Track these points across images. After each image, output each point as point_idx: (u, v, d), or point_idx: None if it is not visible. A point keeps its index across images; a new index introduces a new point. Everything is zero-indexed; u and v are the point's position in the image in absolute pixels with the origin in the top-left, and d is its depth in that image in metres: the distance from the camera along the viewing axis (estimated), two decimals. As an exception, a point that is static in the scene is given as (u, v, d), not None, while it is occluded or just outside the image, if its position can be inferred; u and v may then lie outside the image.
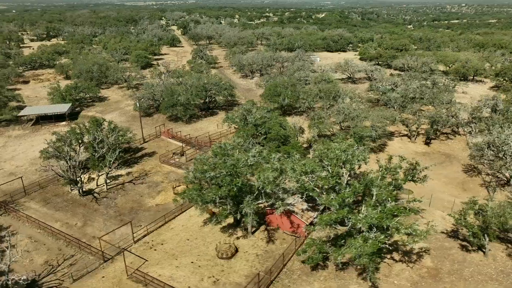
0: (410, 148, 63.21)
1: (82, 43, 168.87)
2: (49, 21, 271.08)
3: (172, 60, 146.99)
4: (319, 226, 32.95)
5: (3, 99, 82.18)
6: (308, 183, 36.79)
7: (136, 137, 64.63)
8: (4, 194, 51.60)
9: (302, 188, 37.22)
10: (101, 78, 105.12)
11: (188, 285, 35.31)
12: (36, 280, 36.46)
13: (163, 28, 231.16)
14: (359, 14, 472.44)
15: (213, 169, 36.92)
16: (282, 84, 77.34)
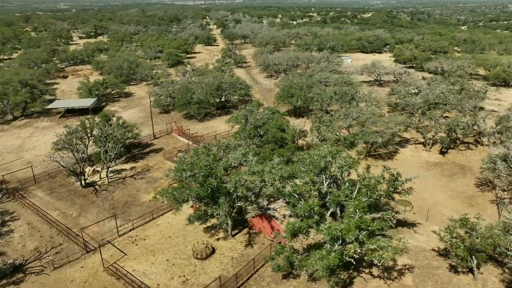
0: (422, 157, 59.42)
1: (123, 41, 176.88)
2: (99, 20, 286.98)
3: (204, 59, 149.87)
4: (284, 234, 31.83)
5: (37, 92, 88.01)
6: (283, 189, 35.70)
7: (147, 133, 66.58)
8: (17, 181, 55.34)
9: (277, 193, 36.19)
10: (130, 74, 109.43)
11: (158, 282, 35.70)
12: (22, 265, 38.63)
13: (202, 27, 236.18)
14: (409, 14, 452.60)
15: (190, 169, 36.96)
16: (297, 85, 75.87)
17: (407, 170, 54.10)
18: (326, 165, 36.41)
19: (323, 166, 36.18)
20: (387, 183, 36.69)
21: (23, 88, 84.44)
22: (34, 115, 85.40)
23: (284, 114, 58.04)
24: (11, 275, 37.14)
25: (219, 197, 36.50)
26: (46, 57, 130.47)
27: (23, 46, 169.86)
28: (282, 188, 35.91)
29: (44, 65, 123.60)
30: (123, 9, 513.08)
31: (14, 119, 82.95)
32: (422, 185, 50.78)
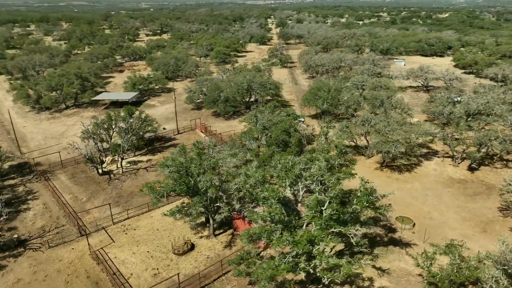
0: (446, 172, 53.92)
1: (181, 39, 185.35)
2: (168, 18, 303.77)
3: (252, 58, 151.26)
4: (244, 240, 31.08)
5: (88, 84, 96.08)
6: (260, 193, 34.85)
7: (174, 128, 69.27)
8: (48, 164, 61.15)
9: (249, 196, 35.47)
10: (176, 71, 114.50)
11: (132, 272, 37.17)
12: (26, 240, 42.70)
13: (261, 27, 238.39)
14: (494, 14, 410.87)
15: (171, 165, 37.82)
16: (325, 88, 73.35)
17: (422, 185, 49.92)
18: (301, 172, 34.77)
19: (297, 173, 34.62)
20: (361, 197, 33.90)
21: (76, 80, 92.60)
22: (83, 105, 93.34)
23: (295, 117, 56.33)
24: (14, 248, 41.28)
25: (195, 195, 36.83)
26: (108, 52, 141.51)
27: (95, 42, 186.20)
28: (257, 192, 35.06)
29: (105, 59, 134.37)
30: (195, 8, 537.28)
31: (66, 108, 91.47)
32: (433, 203, 46.34)
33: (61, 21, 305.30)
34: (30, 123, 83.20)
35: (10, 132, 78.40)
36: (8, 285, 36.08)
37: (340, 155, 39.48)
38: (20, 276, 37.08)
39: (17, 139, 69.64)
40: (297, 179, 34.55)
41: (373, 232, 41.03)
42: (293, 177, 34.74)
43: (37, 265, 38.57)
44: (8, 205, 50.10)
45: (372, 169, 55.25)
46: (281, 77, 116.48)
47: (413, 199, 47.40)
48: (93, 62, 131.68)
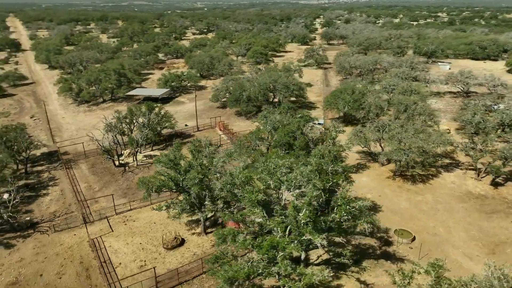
0: (464, 186, 49.81)
1: (224, 38, 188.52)
2: (216, 18, 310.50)
3: (290, 58, 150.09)
4: (217, 240, 31.02)
5: (124, 80, 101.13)
6: (235, 193, 34.70)
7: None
8: (74, 154, 65.36)
9: (231, 197, 35.32)
10: (210, 69, 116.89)
11: (121, 261, 38.66)
12: (37, 223, 46.04)
13: (306, 26, 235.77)
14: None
15: (162, 160, 38.82)
16: (348, 91, 70.95)
17: (434, 198, 46.67)
18: (281, 178, 33.88)
19: (279, 176, 33.83)
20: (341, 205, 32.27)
21: (113, 76, 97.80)
22: (119, 100, 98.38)
23: (308, 119, 54.93)
24: (26, 229, 44.70)
25: (182, 192, 37.51)
26: (151, 50, 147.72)
27: (144, 40, 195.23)
28: (240, 193, 34.87)
29: (147, 57, 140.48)
30: (247, 8, 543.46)
31: (103, 102, 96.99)
32: (442, 218, 43.12)
33: (118, 20, 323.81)
34: (69, 115, 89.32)
35: (50, 121, 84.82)
36: (12, 263, 39.14)
37: (333, 161, 37.97)
38: (23, 256, 40.06)
39: (51, 129, 75.03)
40: (280, 183, 33.82)
41: (367, 244, 39.09)
42: (277, 181, 34.09)
43: (41, 247, 41.41)
44: (31, 189, 54.50)
45: (383, 178, 52.60)
46: (313, 78, 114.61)
47: (420, 212, 44.44)
48: (136, 59, 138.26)
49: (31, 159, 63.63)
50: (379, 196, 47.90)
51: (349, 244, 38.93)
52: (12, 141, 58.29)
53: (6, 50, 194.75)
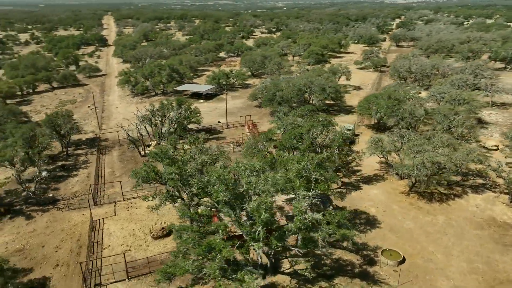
0: (488, 212, 43.49)
1: (288, 37, 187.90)
2: (288, 17, 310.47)
3: (350, 59, 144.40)
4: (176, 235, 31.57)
5: (176, 76, 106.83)
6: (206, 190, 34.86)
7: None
8: (112, 141, 71.20)
9: (202, 194, 35.58)
10: (260, 68, 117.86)
11: (110, 244, 41.44)
12: (58, 201, 51.31)
13: (378, 27, 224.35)
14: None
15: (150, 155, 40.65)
16: (384, 96, 66.40)
17: (447, 221, 42.23)
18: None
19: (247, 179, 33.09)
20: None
21: (165, 71, 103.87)
22: (169, 94, 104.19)
23: (326, 124, 52.64)
24: (47, 205, 50.12)
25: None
26: (212, 48, 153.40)
27: (211, 38, 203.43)
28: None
29: (207, 54, 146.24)
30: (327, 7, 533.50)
31: (155, 95, 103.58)
32: (447, 243, 38.54)
33: (196, 18, 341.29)
34: (123, 105, 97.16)
35: (105, 110, 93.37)
36: (25, 232, 44.29)
37: (316, 169, 36.00)
38: (36, 228, 45.09)
39: (97, 117, 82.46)
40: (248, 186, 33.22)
41: (348, 260, 36.55)
42: (247, 183, 33.57)
43: (52, 222, 46.18)
44: (65, 170, 60.81)
45: (397, 192, 48.42)
46: (365, 81, 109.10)
47: (423, 233, 40.12)
48: (197, 55, 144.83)
49: (76, 143, 70.94)
50: (384, 211, 44.33)
51: (329, 257, 36.91)
52: (59, 126, 65.38)
53: (95, 45, 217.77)
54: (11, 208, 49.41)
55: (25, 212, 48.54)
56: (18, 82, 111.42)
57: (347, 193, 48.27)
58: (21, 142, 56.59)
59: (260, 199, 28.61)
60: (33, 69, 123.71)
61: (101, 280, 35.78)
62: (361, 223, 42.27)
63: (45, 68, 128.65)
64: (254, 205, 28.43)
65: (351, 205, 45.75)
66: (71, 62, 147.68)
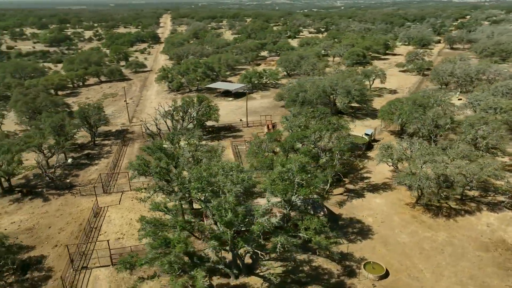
0: (499, 233, 39.25)
1: (334, 38, 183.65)
2: (340, 17, 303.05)
3: (394, 61, 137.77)
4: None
5: (211, 73, 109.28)
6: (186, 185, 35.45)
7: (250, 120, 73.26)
8: (137, 134, 74.80)
9: (183, 190, 36.16)
10: (295, 68, 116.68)
11: (106, 230, 43.73)
12: (74, 186, 55.03)
13: (434, 28, 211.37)
14: None
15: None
16: (409, 101, 62.69)
17: (449, 238, 39.24)
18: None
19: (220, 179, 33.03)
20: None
21: (199, 69, 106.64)
22: (202, 91, 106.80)
23: (335, 128, 50.95)
24: (64, 189, 54.01)
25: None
26: (253, 47, 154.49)
27: (257, 37, 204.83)
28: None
29: (248, 53, 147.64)
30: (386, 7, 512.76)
31: (189, 92, 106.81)
32: (440, 262, 35.73)
33: (248, 18, 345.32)
34: (157, 100, 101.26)
35: (140, 104, 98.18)
36: (39, 213, 48.14)
37: (299, 172, 34.93)
38: (49, 210, 48.83)
39: (128, 110, 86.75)
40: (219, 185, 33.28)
41: (327, 269, 35.17)
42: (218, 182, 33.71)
43: (63, 205, 49.73)
44: (89, 158, 65.02)
45: (401, 203, 45.56)
46: (403, 85, 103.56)
47: (418, 249, 37.39)
48: (237, 54, 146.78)
49: (105, 134, 75.53)
50: (381, 222, 41.98)
51: (309, 264, 35.84)
52: (89, 117, 70.01)
53: (148, 42, 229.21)
54: (33, 190, 53.97)
55: (44, 194, 52.73)
56: (70, 75, 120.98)
57: (348, 200, 46.47)
58: (50, 130, 61.67)
59: (219, 199, 28.58)
60: (86, 63, 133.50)
61: (88, 264, 37.92)
62: (353, 232, 40.44)
63: (97, 63, 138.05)
64: (214, 204, 28.48)
65: (349, 213, 43.94)
66: (121, 57, 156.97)
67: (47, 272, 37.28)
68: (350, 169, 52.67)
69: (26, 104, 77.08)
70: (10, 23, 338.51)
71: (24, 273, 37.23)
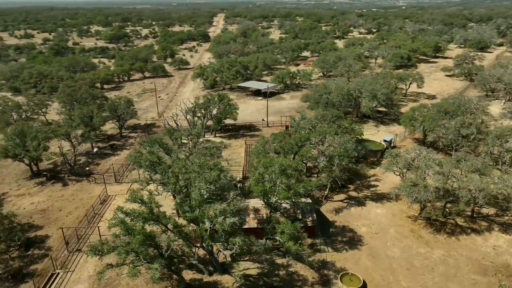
0: (505, 257, 35.24)
1: (383, 39, 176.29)
2: (396, 17, 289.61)
3: (443, 66, 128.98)
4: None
5: (244, 72, 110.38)
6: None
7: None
8: (162, 128, 77.82)
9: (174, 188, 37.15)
10: (331, 69, 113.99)
11: (107, 218, 46.10)
12: (91, 174, 58.73)
13: (498, 30, 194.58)
14: None
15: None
16: (432, 108, 58.71)
17: (444, 257, 36.69)
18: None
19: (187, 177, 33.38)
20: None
21: (233, 68, 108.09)
22: (235, 89, 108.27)
23: (343, 131, 49.29)
24: (82, 177, 57.83)
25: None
26: (294, 47, 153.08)
27: (302, 37, 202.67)
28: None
29: (288, 53, 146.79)
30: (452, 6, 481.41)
31: (222, 89, 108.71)
32: (427, 283, 33.28)
33: (300, 17, 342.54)
34: (191, 97, 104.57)
35: (173, 100, 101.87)
36: (55, 196, 52.11)
37: (279, 175, 34.20)
38: (64, 194, 52.67)
39: (157, 105, 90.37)
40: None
41: (302, 276, 34.18)
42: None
43: (78, 191, 53.34)
44: (113, 149, 68.91)
45: (403, 216, 42.81)
46: (444, 90, 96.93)
47: (406, 265, 34.96)
48: (278, 54, 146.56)
49: (133, 127, 79.60)
50: (375, 234, 39.85)
51: (286, 269, 35.13)
52: (117, 110, 74.19)
53: (198, 40, 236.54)
54: (57, 175, 58.49)
55: (65, 180, 56.93)
56: (116, 70, 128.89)
57: (347, 208, 44.68)
58: (78, 121, 66.33)
59: (180, 197, 29.06)
60: (134, 60, 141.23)
61: (83, 247, 40.39)
62: (341, 241, 38.86)
63: (145, 59, 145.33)
64: (177, 201, 28.99)
65: (343, 220, 42.27)
66: (167, 55, 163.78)
67: (46, 251, 40.33)
68: (356, 175, 50.55)
69: (68, 95, 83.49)
70: (80, 21, 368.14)
71: (27, 249, 40.63)
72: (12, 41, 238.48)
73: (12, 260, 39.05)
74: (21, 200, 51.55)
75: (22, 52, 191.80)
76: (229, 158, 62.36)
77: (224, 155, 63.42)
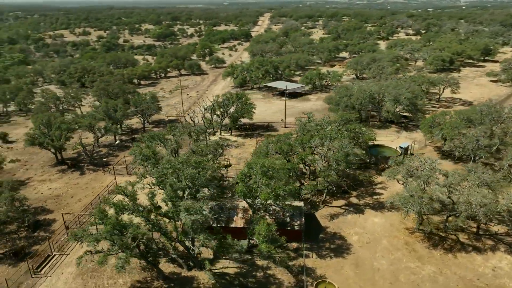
0: (503, 280, 32.12)
1: (429, 40, 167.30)
2: (449, 17, 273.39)
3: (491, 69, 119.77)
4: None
5: (273, 73, 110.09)
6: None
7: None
8: (179, 123, 79.89)
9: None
10: (364, 70, 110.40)
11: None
12: (107, 165, 61.77)
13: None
14: None
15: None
16: (454, 116, 54.96)
17: (435, 275, 34.71)
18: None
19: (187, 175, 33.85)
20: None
21: (263, 67, 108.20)
22: (264, 88, 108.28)
23: (350, 135, 47.59)
24: (99, 166, 61.01)
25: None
26: (331, 47, 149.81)
27: (344, 37, 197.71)
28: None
29: (322, 53, 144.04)
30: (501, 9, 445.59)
31: (251, 89, 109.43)
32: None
33: (346, 17, 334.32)
34: (221, 95, 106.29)
35: (201, 97, 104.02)
36: (71, 183, 55.49)
37: (261, 176, 33.75)
38: (79, 182, 55.93)
39: (182, 102, 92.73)
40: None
41: (279, 279, 33.60)
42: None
43: (91, 180, 56.39)
44: (133, 142, 71.90)
45: (401, 227, 40.54)
46: (485, 97, 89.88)
47: (390, 279, 33.10)
48: (314, 54, 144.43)
49: (157, 122, 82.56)
50: (366, 243, 38.17)
51: (265, 271, 34.77)
52: (142, 106, 77.36)
53: (240, 39, 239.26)
54: (77, 164, 62.26)
55: (83, 169, 60.46)
56: (154, 67, 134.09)
57: (343, 214, 43.20)
58: (102, 114, 70.02)
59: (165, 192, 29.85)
60: (173, 57, 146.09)
61: (81, 233, 42.67)
62: (328, 247, 37.67)
63: (183, 57, 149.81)
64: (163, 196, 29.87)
65: (336, 227, 40.95)
66: (206, 53, 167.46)
67: (50, 234, 43.17)
68: (357, 182, 48.71)
69: (102, 90, 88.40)
70: (134, 19, 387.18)
71: (34, 231, 43.77)
72: (71, 38, 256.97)
73: (19, 240, 42.27)
74: (41, 185, 55.49)
75: (78, 48, 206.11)
76: (239, 156, 63.01)
77: (235, 153, 64.43)
